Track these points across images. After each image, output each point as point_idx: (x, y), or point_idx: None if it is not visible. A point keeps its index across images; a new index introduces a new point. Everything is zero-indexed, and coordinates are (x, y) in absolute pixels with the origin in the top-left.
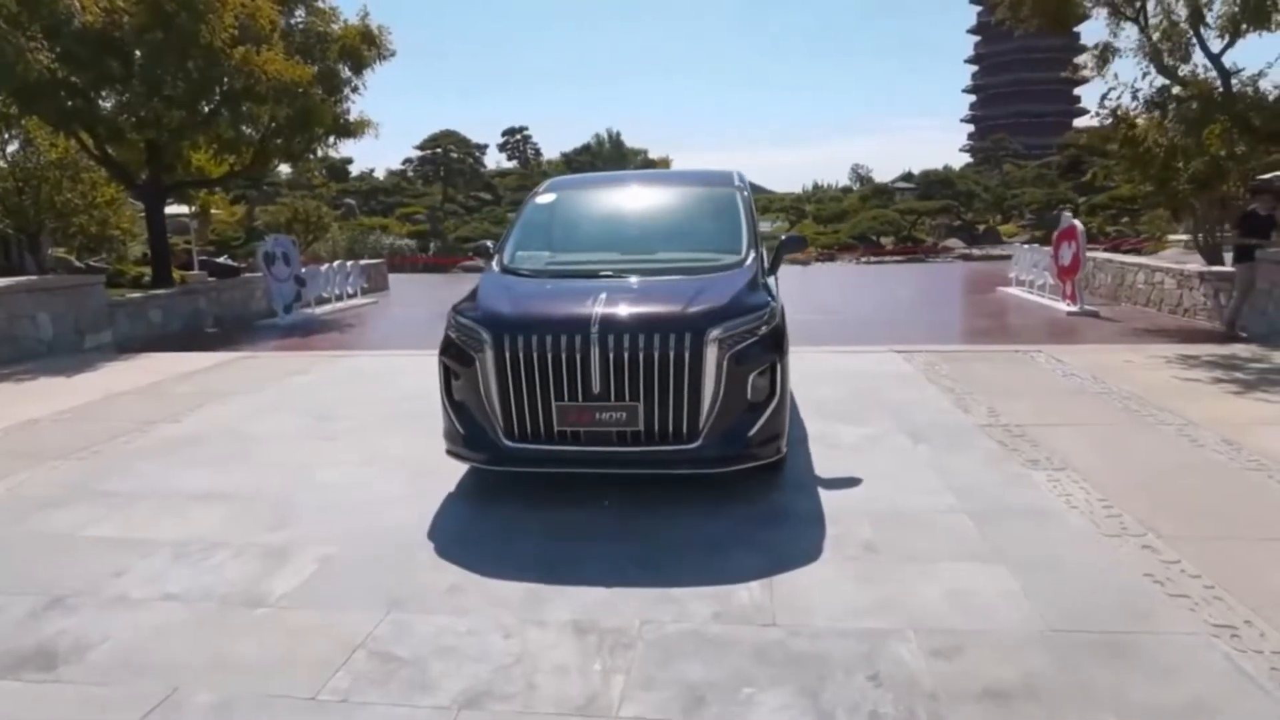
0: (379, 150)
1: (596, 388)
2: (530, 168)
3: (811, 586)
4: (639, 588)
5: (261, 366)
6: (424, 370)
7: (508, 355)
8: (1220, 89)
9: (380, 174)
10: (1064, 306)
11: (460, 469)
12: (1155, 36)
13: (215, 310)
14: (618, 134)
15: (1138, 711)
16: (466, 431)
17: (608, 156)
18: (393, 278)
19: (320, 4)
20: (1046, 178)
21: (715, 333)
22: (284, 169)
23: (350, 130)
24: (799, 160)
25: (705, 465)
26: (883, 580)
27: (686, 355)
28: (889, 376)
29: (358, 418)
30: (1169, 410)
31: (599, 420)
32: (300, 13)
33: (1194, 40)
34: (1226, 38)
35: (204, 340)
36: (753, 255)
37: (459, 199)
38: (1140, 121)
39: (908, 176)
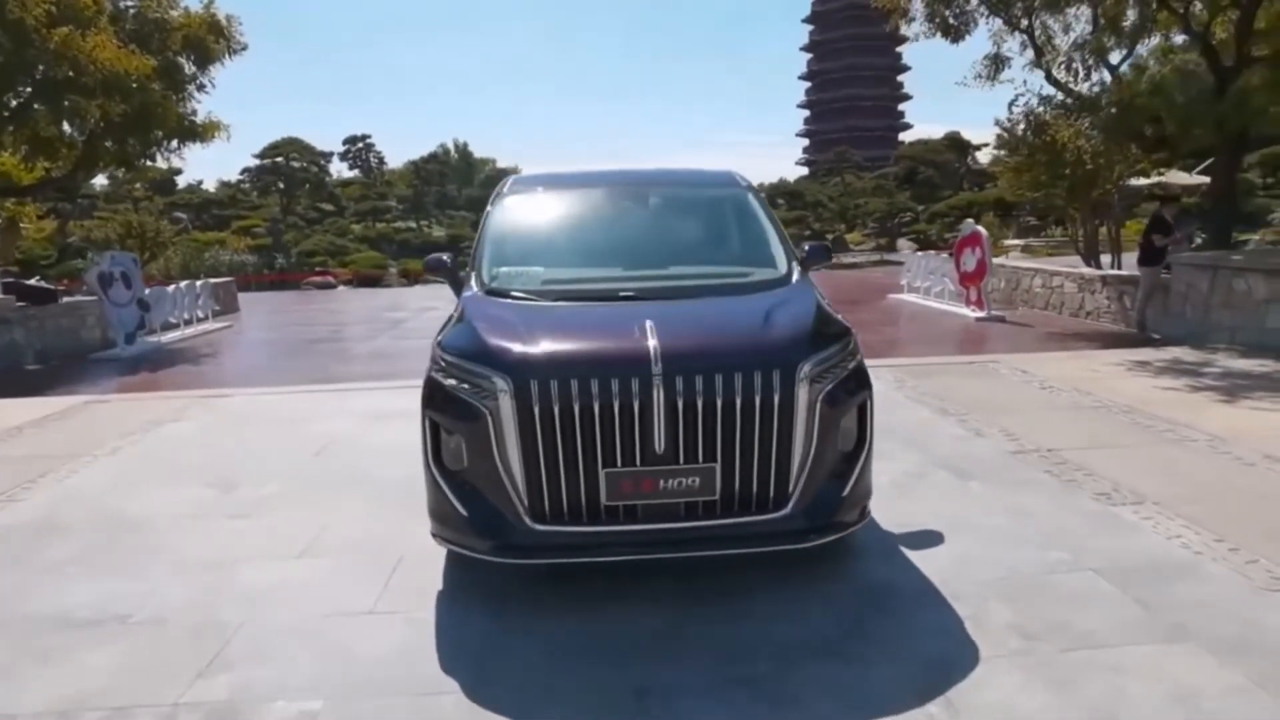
0: (205, 159)
1: (661, 446)
2: (374, 177)
3: (1008, 704)
4: None
5: (117, 414)
6: (336, 412)
7: (537, 408)
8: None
9: (210, 185)
10: (968, 312)
11: (437, 559)
12: (1060, 49)
13: (37, 343)
14: (465, 144)
15: None
16: (471, 513)
17: (456, 166)
18: (241, 297)
19: None
20: (885, 188)
21: (806, 367)
22: (99, 180)
23: (198, 133)
24: None
25: (796, 539)
26: (1079, 685)
27: (776, 397)
28: None
29: (272, 484)
30: (1181, 424)
31: (664, 490)
32: None
33: (1090, 57)
34: (1125, 50)
35: (27, 381)
36: (796, 269)
37: (299, 210)
38: (1057, 127)
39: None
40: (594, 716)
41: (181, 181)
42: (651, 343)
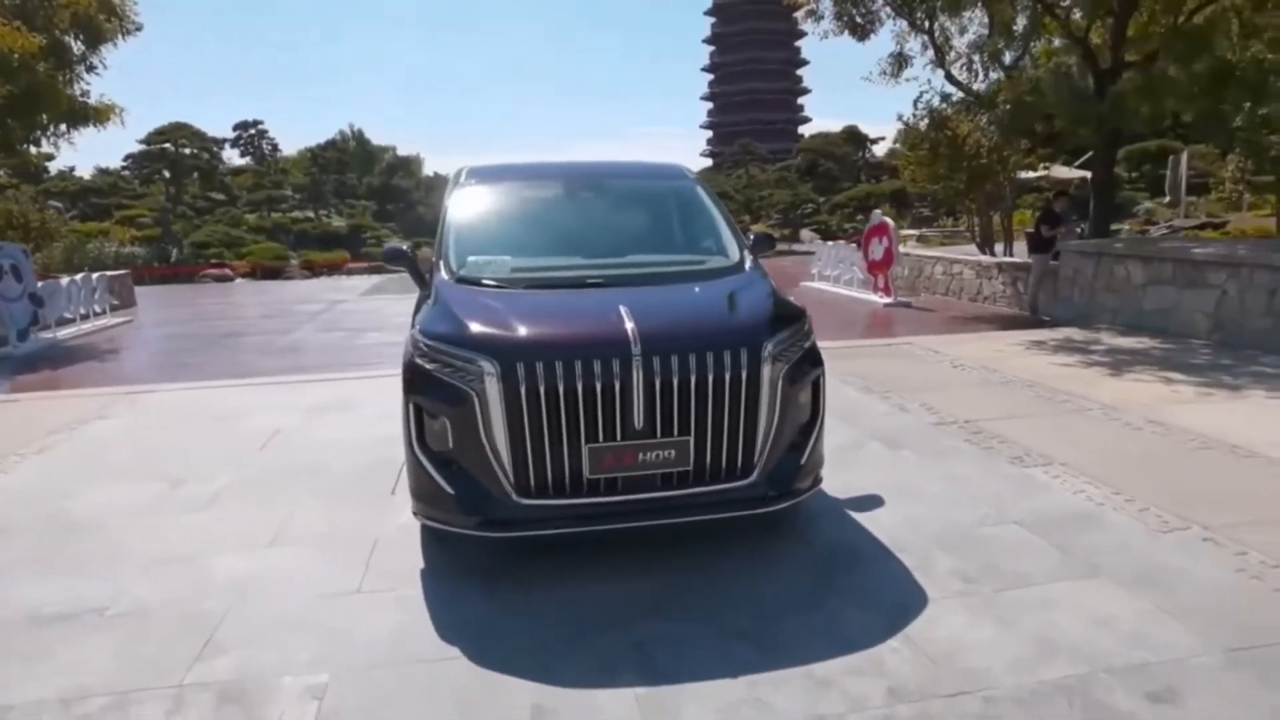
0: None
1: (640, 422)
2: (268, 165)
3: (955, 636)
4: (771, 671)
5: (33, 413)
6: (271, 406)
7: (523, 388)
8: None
9: (84, 172)
10: (877, 299)
11: (413, 540)
12: (959, 50)
13: None
14: (360, 131)
15: None
16: (457, 490)
17: (355, 154)
18: (136, 291)
19: None
20: (788, 180)
21: (770, 346)
22: None
23: (91, 116)
24: None
25: (760, 504)
26: (1016, 617)
27: (744, 374)
28: None
29: (222, 479)
30: (1077, 395)
31: (642, 462)
32: None
33: (986, 58)
34: (1018, 52)
35: None
36: (749, 257)
37: (188, 199)
38: (961, 122)
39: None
40: (602, 668)
41: (53, 168)
42: (629, 325)
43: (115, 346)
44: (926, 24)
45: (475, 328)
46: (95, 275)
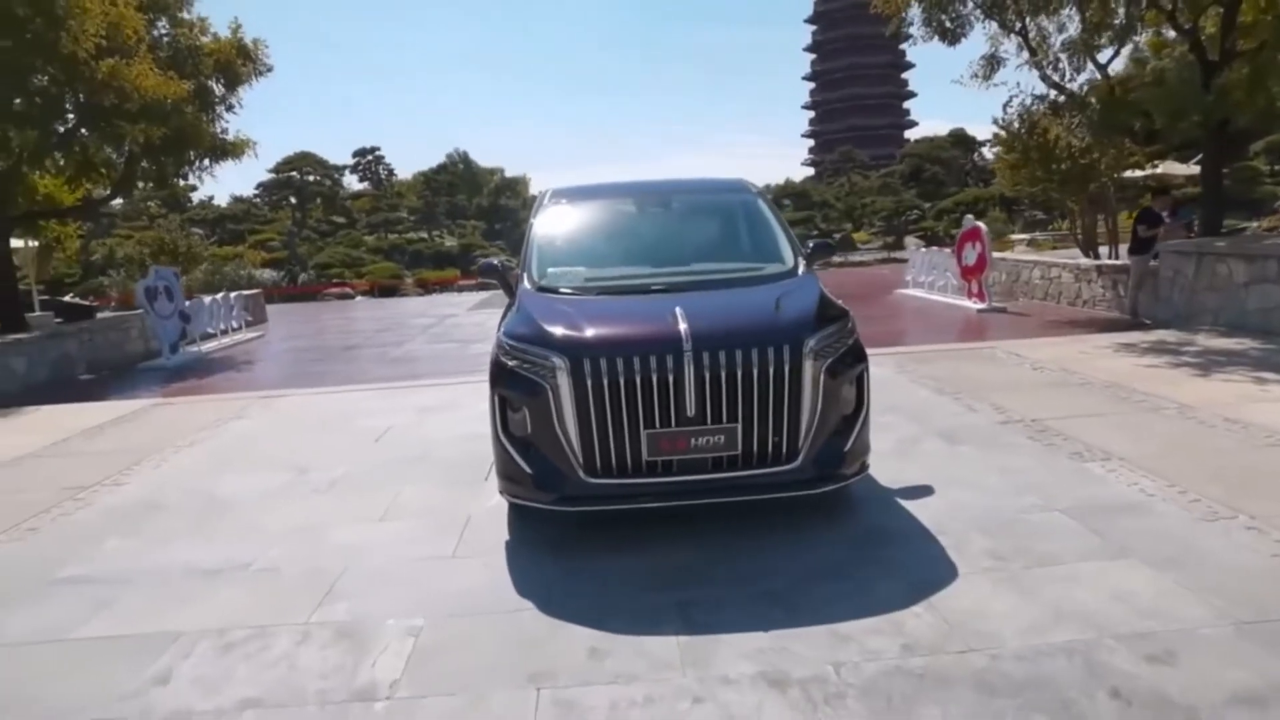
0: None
1: (692, 410)
2: (384, 189)
3: (975, 605)
4: (798, 628)
5: (182, 415)
6: (385, 409)
7: (589, 381)
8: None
9: (220, 201)
10: (971, 305)
11: (500, 517)
12: (1047, 49)
13: (88, 355)
14: (465, 153)
15: None
16: (535, 470)
17: (464, 176)
18: (267, 309)
19: (186, 15)
20: (891, 186)
21: (811, 343)
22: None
23: (229, 151)
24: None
25: (805, 486)
26: (1038, 590)
27: (786, 368)
28: (873, 381)
29: (342, 468)
30: (1156, 395)
31: (694, 446)
32: (164, 23)
33: (1078, 56)
34: (1114, 48)
35: (85, 389)
36: (802, 263)
37: (312, 223)
38: (1050, 124)
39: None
40: (648, 620)
41: (195, 198)
42: (683, 326)
43: (250, 358)
44: (1018, 24)
45: (549, 329)
46: (233, 295)
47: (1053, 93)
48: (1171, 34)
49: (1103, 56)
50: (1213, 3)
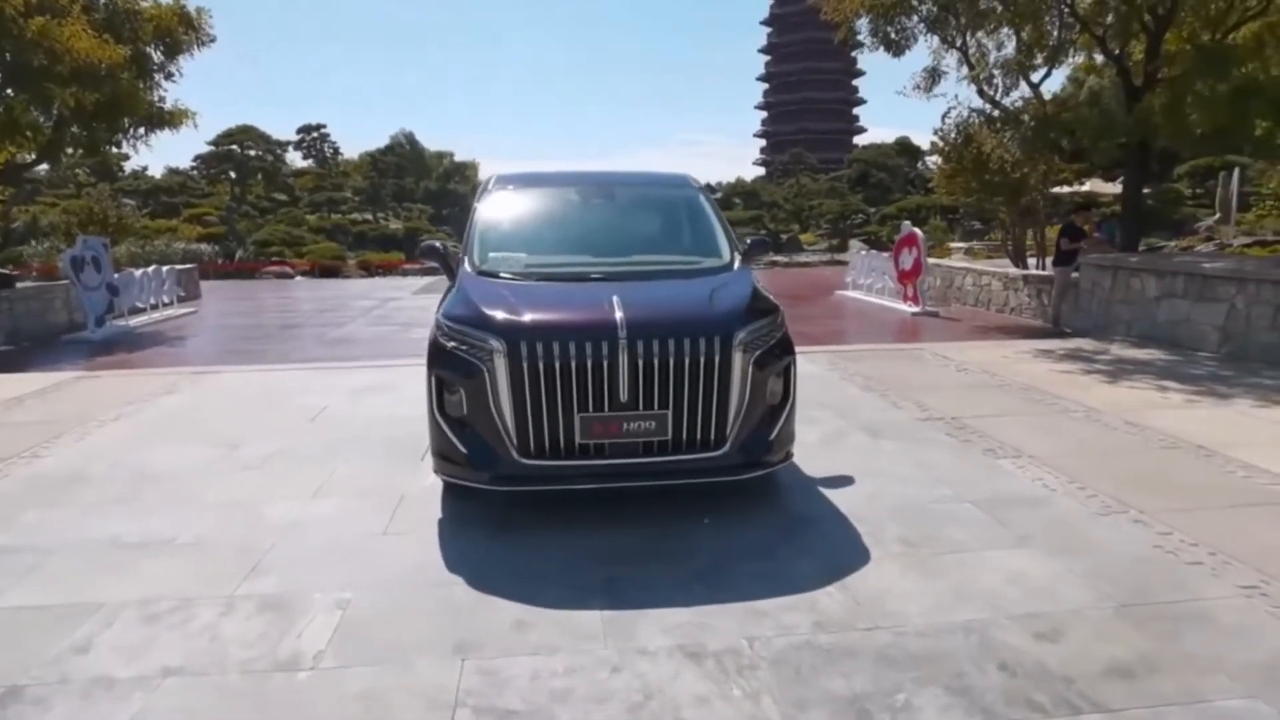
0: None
1: (624, 396)
2: (329, 168)
3: (884, 586)
4: (718, 604)
5: (108, 388)
6: (322, 388)
7: (525, 365)
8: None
9: (155, 172)
10: (906, 308)
11: (434, 496)
12: (985, 66)
13: (7, 325)
14: (411, 134)
15: (1242, 671)
16: (470, 451)
17: (412, 158)
18: (201, 285)
19: None
20: (838, 190)
21: (741, 335)
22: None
23: (166, 120)
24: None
25: (731, 473)
26: (943, 573)
27: (717, 359)
28: (806, 377)
29: (274, 445)
30: (1066, 399)
31: (626, 431)
32: None
33: (1012, 74)
34: (1047, 68)
35: (4, 361)
36: (738, 258)
37: (251, 199)
38: (984, 137)
39: (710, 189)
40: (575, 596)
41: (127, 168)
42: (618, 314)
43: (181, 334)
44: (959, 40)
45: (488, 312)
46: (165, 269)
47: (988, 107)
48: (1099, 58)
49: (1036, 75)
50: (1140, 30)
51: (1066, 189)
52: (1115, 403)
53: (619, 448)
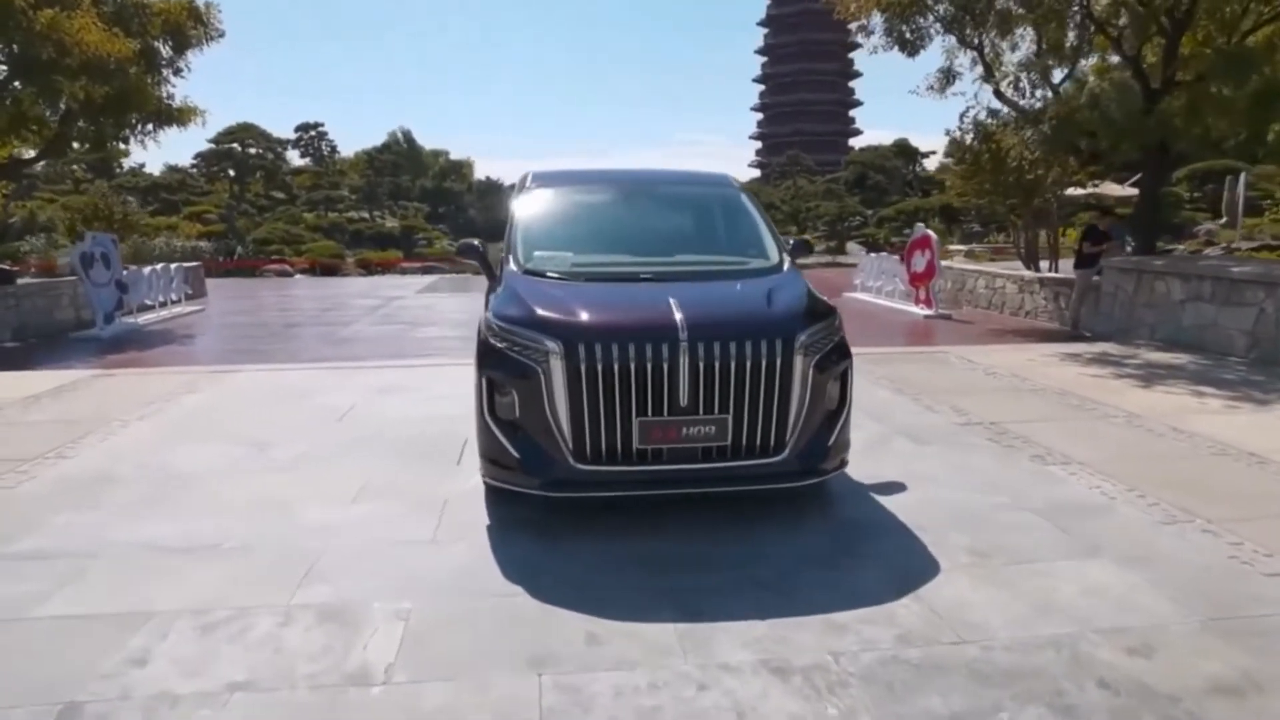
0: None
1: (684, 400)
2: (326, 166)
3: (961, 598)
4: (794, 617)
5: (127, 387)
6: (342, 386)
7: (583, 366)
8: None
9: (153, 169)
10: (918, 310)
11: (477, 500)
12: (1001, 66)
13: (13, 321)
14: (408, 132)
15: None
16: (522, 454)
17: (409, 157)
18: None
19: None
20: (835, 192)
21: (802, 338)
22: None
23: (175, 117)
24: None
25: (790, 479)
26: (1018, 584)
27: (778, 362)
28: None
29: (304, 445)
30: (1103, 403)
31: (685, 436)
32: None
33: (1035, 75)
34: (1065, 70)
35: (13, 358)
36: (787, 259)
37: (250, 197)
38: (1004, 136)
39: None
40: (641, 607)
41: (125, 165)
42: (678, 315)
43: (192, 332)
44: (976, 40)
45: (541, 312)
46: (174, 266)
47: (1005, 109)
48: (1114, 59)
49: (1055, 76)
50: (1156, 33)
51: (1080, 191)
52: (1153, 407)
53: (677, 453)
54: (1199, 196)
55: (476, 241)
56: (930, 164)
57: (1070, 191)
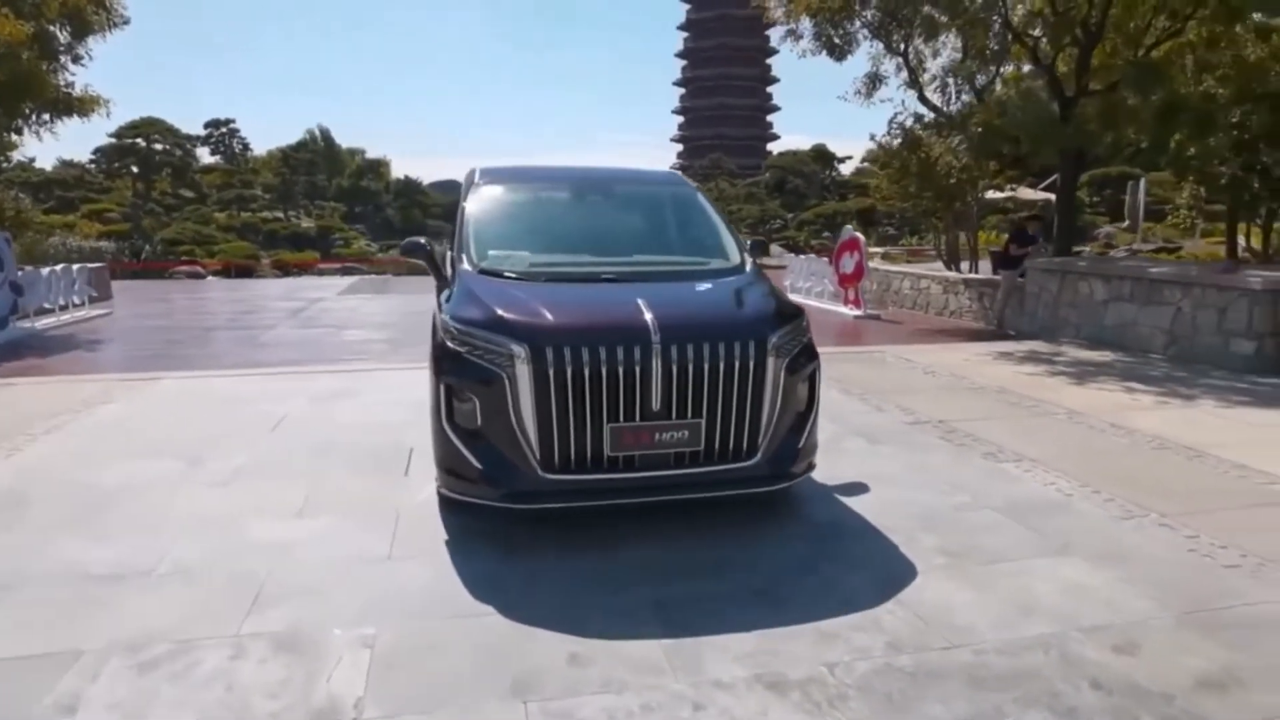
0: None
1: (657, 404)
2: (238, 164)
3: (943, 601)
4: (782, 627)
5: (33, 395)
6: (273, 393)
7: (552, 370)
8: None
9: (45, 164)
10: (847, 311)
11: (431, 513)
12: (932, 73)
13: None
14: (326, 130)
15: None
16: (485, 464)
17: (325, 156)
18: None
19: None
20: (756, 195)
21: (774, 339)
22: None
23: (75, 107)
24: None
25: (762, 483)
26: (996, 585)
27: (751, 364)
28: None
29: (239, 458)
30: (1043, 401)
31: (658, 441)
32: None
33: (960, 81)
34: (986, 76)
35: None
36: (749, 259)
37: (156, 196)
38: (933, 143)
39: None
40: (624, 622)
41: (13, 158)
42: (649, 316)
43: (99, 337)
44: (902, 47)
45: (504, 314)
46: (75, 267)
47: (929, 113)
48: (1027, 68)
49: (978, 81)
50: (1070, 43)
51: (999, 194)
52: (1091, 404)
53: (649, 459)
54: (1098, 201)
55: (424, 240)
56: (847, 169)
57: (989, 195)
